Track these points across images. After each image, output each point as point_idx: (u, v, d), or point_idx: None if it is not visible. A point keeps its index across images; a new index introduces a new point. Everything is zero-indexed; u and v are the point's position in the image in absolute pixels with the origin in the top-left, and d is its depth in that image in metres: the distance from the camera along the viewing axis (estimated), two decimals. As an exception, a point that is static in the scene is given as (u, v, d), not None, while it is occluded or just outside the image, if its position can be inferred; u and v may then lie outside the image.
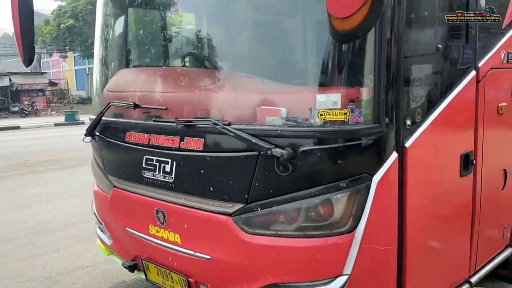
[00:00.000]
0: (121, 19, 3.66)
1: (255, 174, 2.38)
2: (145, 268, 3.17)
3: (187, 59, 3.26)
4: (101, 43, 3.69)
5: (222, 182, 2.56)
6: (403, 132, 2.35)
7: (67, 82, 43.71)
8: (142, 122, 3.07)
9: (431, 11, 2.63)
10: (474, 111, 2.92)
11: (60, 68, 51.44)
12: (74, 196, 7.47)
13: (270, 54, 2.71)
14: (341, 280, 2.28)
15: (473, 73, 2.88)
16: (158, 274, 3.07)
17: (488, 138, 3.04)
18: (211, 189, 2.60)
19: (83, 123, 23.05)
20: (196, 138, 2.65)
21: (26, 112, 29.78)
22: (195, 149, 2.65)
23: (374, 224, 2.28)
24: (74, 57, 43.45)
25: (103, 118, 3.26)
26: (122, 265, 3.35)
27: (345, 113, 2.18)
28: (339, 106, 2.19)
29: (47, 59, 50.56)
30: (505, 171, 3.35)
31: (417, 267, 2.55)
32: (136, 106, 3.02)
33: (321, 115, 2.21)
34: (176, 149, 2.76)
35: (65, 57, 41.57)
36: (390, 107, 2.26)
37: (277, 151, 2.22)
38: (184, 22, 3.38)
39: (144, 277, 3.23)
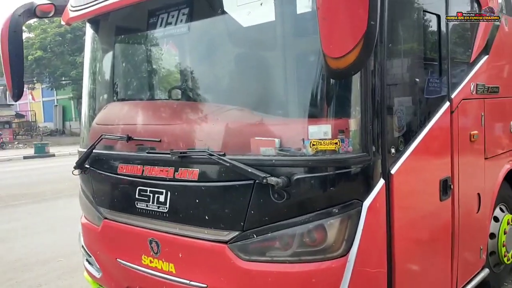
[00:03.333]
0: (109, 54, 3.78)
1: (250, 202, 2.49)
2: (137, 299, 3.18)
3: (177, 92, 3.37)
4: (89, 77, 3.78)
5: (217, 210, 2.65)
6: (389, 160, 2.52)
7: (35, 113, 43.01)
8: (135, 154, 3.14)
9: (408, 49, 2.86)
10: (449, 139, 3.13)
11: (27, 99, 50.62)
12: (51, 230, 7.32)
13: (264, 89, 2.86)
14: (337, 303, 2.39)
15: (447, 104, 3.11)
16: (151, 305, 3.09)
17: (463, 164, 3.24)
18: (207, 217, 2.68)
19: (53, 155, 22.66)
20: (190, 169, 2.75)
21: (-8, 145, 29.03)
22: (190, 179, 2.75)
23: (366, 248, 2.41)
24: (42, 88, 42.93)
25: (93, 150, 3.32)
26: (113, 297, 3.35)
27: (336, 143, 2.34)
28: (329, 136, 2.35)
29: (13, 91, 49.58)
30: (479, 195, 3.56)
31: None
32: (129, 138, 3.11)
33: (313, 145, 2.36)
34: (170, 180, 2.84)
35: (32, 88, 41.00)
36: (376, 136, 2.43)
37: (273, 180, 2.34)
38: (172, 57, 3.52)
39: (136, 308, 3.23)
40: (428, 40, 3.02)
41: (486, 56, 3.63)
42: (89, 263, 3.68)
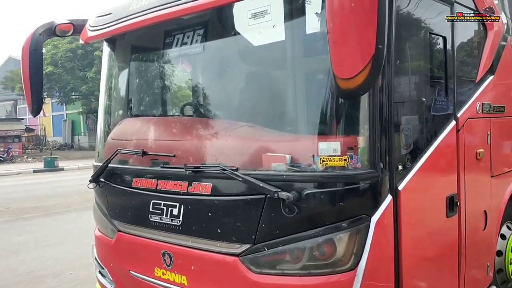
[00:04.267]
0: (125, 71, 3.92)
1: (261, 216, 2.57)
2: (149, 311, 3.25)
3: (190, 109, 3.49)
4: (105, 93, 3.91)
5: (229, 224, 2.73)
6: (396, 177, 2.60)
7: (44, 128, 43.49)
8: (150, 168, 3.24)
9: (415, 69, 2.96)
10: (456, 157, 3.21)
11: (37, 114, 51.18)
12: (62, 243, 7.42)
13: (275, 107, 2.97)
14: (346, 316, 2.44)
15: (454, 123, 3.19)
16: (163, 317, 3.16)
17: (469, 181, 3.31)
18: (219, 231, 2.76)
19: (62, 169, 22.84)
20: (204, 183, 2.84)
21: (1, 159, 29.30)
22: (203, 193, 2.83)
23: (374, 262, 2.47)
24: (51, 103, 43.49)
25: (109, 165, 3.42)
26: (125, 308, 3.41)
27: (345, 159, 2.42)
28: (339, 153, 2.44)
29: (23, 105, 50.33)
30: (485, 212, 3.61)
31: (412, 303, 2.74)
32: (144, 153, 3.20)
33: (323, 161, 2.44)
34: (184, 194, 2.93)
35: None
36: (384, 153, 2.51)
37: (284, 194, 2.43)
38: (186, 75, 3.64)
39: (148, 320, 3.30)
40: (435, 60, 3.12)
41: (492, 76, 3.72)
42: (102, 275, 3.75)
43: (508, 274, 4.02)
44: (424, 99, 2.93)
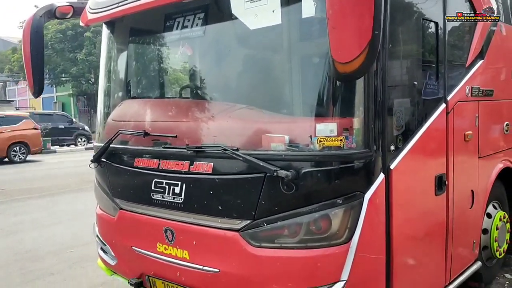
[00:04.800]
0: (125, 54, 3.99)
1: (261, 193, 2.71)
2: (151, 285, 3.40)
3: (190, 91, 3.59)
4: (105, 76, 3.99)
5: (230, 201, 2.87)
6: (388, 156, 2.74)
7: (35, 110, 43.12)
8: (151, 148, 3.35)
9: (408, 54, 3.08)
10: (445, 138, 3.35)
11: (27, 96, 50.73)
12: (59, 223, 7.54)
13: (274, 89, 3.09)
14: (339, 285, 2.61)
15: (443, 105, 3.33)
16: (164, 290, 3.31)
17: (458, 162, 3.46)
18: (220, 207, 2.90)
19: (54, 151, 22.82)
20: (205, 163, 2.97)
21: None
22: (204, 172, 2.96)
23: (367, 236, 2.63)
24: (41, 85, 43.03)
25: (110, 145, 3.53)
26: (128, 283, 3.55)
27: (341, 140, 2.56)
28: (335, 133, 2.57)
29: (12, 87, 49.85)
30: (472, 192, 3.78)
31: (402, 275, 2.89)
32: (146, 134, 3.32)
33: (320, 141, 2.58)
34: (185, 173, 3.06)
35: (32, 85, 41.09)
36: (377, 134, 2.65)
37: (282, 173, 2.56)
38: (187, 58, 3.72)
39: (150, 293, 3.45)
40: (426, 45, 3.24)
41: (482, 61, 3.85)
42: (104, 251, 3.89)
43: (493, 251, 4.21)
44: (416, 82, 3.06)
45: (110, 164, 3.62)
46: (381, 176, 2.68)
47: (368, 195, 2.62)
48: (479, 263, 4.00)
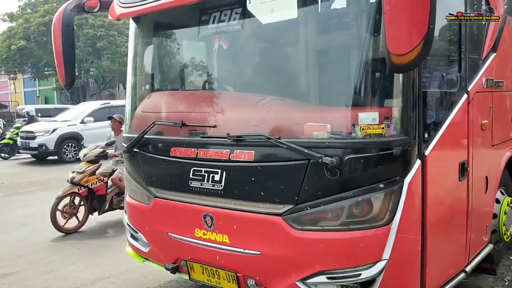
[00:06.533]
0: (158, 48, 4.09)
1: (304, 179, 2.86)
2: (189, 269, 3.51)
3: (228, 83, 3.71)
4: (138, 69, 4.08)
5: (272, 187, 3.01)
6: (423, 143, 2.92)
7: (17, 104, 42.42)
8: (189, 138, 3.47)
9: (439, 48, 3.27)
10: (466, 127, 3.55)
11: (8, 90, 49.91)
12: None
13: (319, 81, 3.24)
14: (381, 264, 2.78)
15: (465, 96, 3.53)
16: (203, 273, 3.43)
17: (476, 149, 3.66)
18: (262, 193, 3.04)
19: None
20: (246, 151, 3.10)
21: (-23, 136, 28.63)
22: (245, 160, 3.09)
23: (406, 218, 2.80)
24: (23, 79, 42.41)
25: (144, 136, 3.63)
26: (165, 268, 3.67)
27: (383, 128, 2.72)
28: (377, 122, 2.74)
29: (-8, 81, 48.97)
30: (486, 178, 3.99)
31: (433, 255, 3.08)
32: (183, 124, 3.43)
33: (363, 129, 2.74)
34: (225, 161, 3.18)
35: (14, 78, 40.48)
36: (414, 122, 2.82)
37: (328, 159, 2.72)
38: (222, 52, 3.77)
39: (188, 277, 3.58)
40: (452, 38, 3.42)
41: (494, 54, 4.06)
42: (135, 238, 3.99)
43: (501, 235, 4.44)
44: (444, 74, 3.25)
45: (143, 154, 3.72)
46: (418, 162, 2.86)
47: (407, 180, 2.79)
48: (491, 246, 4.23)
